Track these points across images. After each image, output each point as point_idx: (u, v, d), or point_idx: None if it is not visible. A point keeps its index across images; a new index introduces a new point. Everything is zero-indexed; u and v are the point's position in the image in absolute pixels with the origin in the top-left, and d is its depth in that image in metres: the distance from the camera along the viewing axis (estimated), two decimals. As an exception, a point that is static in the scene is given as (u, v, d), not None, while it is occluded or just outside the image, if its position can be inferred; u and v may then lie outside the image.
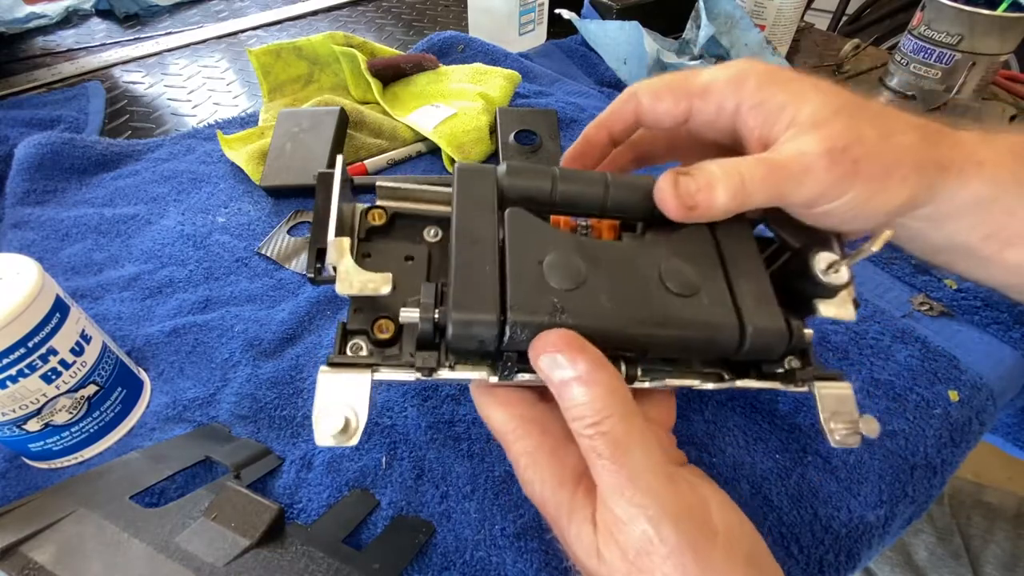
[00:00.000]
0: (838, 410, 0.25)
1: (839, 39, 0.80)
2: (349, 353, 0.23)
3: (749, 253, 0.25)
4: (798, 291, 0.25)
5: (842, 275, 0.24)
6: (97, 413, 0.30)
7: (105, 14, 0.84)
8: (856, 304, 0.26)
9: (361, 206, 0.26)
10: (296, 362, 0.35)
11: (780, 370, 0.25)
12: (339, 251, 0.22)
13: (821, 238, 0.26)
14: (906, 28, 0.65)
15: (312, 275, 0.23)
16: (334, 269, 0.22)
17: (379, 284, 0.22)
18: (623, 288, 0.23)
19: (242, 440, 0.31)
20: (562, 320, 0.21)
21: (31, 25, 0.77)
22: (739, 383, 0.25)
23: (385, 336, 0.23)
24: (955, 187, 0.26)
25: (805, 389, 0.25)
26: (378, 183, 0.26)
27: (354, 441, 0.21)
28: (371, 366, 0.22)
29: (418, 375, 0.22)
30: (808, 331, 0.25)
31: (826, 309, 0.25)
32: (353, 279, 0.22)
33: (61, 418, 0.28)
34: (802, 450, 0.31)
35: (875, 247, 0.22)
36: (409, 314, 0.22)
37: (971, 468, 0.52)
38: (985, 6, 0.58)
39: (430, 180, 0.49)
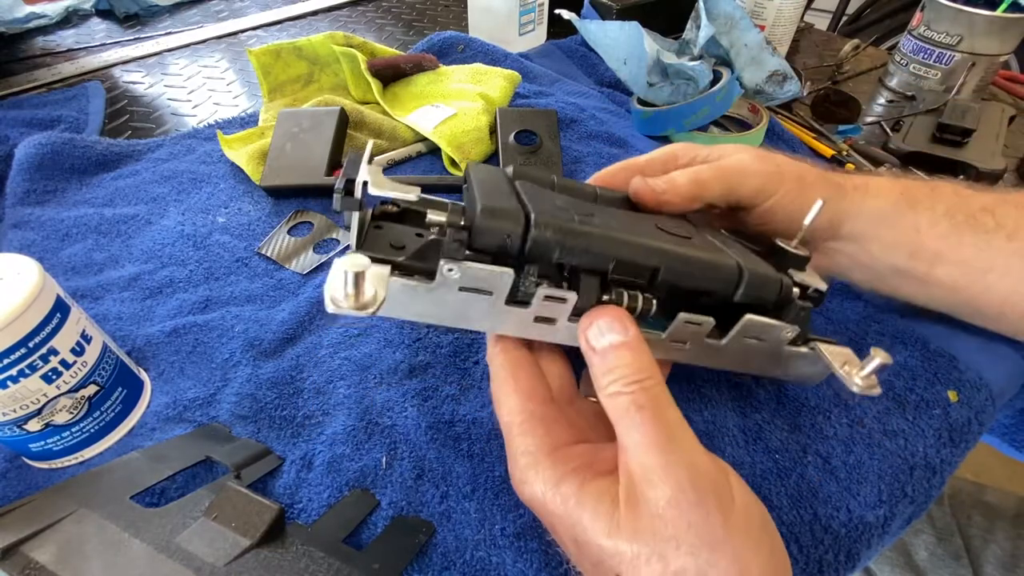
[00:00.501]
0: (845, 361, 0.27)
1: (839, 39, 0.80)
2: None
3: (729, 237, 0.30)
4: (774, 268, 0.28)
5: (804, 249, 0.29)
6: (97, 413, 0.30)
7: (105, 14, 0.84)
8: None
9: (379, 165, 0.28)
10: (296, 362, 0.35)
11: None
12: (371, 170, 0.23)
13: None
14: (906, 28, 0.65)
15: (339, 200, 0.23)
16: (362, 189, 0.23)
17: (408, 189, 0.22)
18: (628, 225, 0.25)
19: (242, 440, 0.31)
20: (582, 223, 0.23)
21: (31, 25, 0.77)
22: (749, 316, 0.26)
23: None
24: (857, 202, 0.33)
25: (809, 350, 0.28)
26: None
27: (368, 311, 0.20)
28: (391, 263, 0.22)
29: (444, 264, 0.22)
30: (796, 289, 0.27)
31: (800, 276, 0.28)
32: (384, 184, 0.22)
33: (62, 418, 0.28)
34: (802, 450, 0.32)
35: (809, 219, 0.28)
36: (436, 215, 0.22)
37: (971, 468, 0.52)
38: (985, 6, 0.58)
39: (430, 180, 0.49)
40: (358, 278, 0.20)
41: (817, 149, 0.57)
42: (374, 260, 0.22)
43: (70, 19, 0.82)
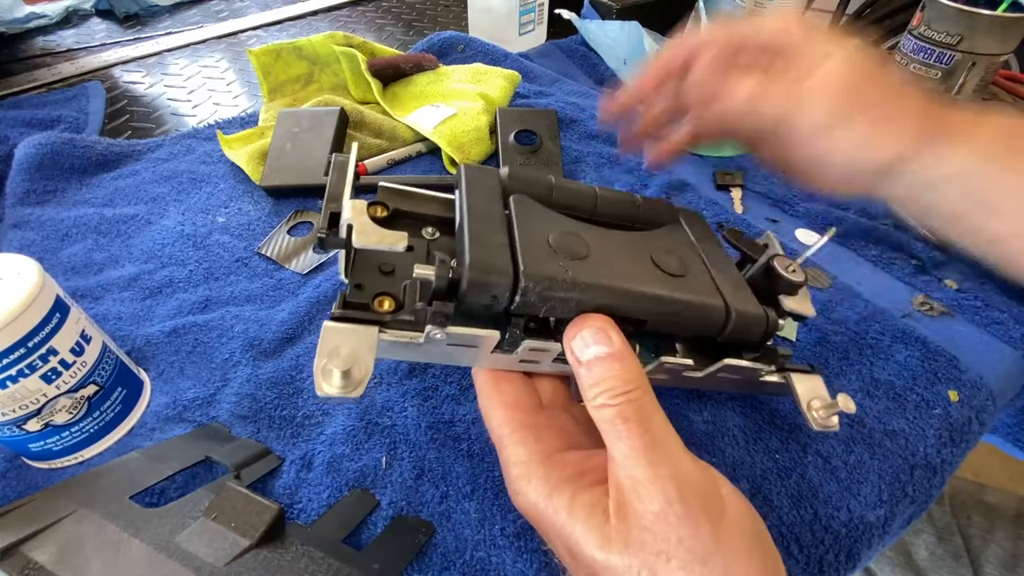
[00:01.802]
0: (814, 396, 0.27)
1: (839, 39, 0.80)
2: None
3: (723, 255, 0.29)
4: (764, 290, 0.28)
5: (799, 273, 0.28)
6: (97, 413, 0.30)
7: (105, 14, 0.84)
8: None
9: (364, 201, 0.26)
10: (296, 362, 0.35)
11: (758, 354, 0.28)
12: (356, 211, 0.22)
13: (767, 250, 0.30)
14: (906, 28, 0.65)
15: (323, 235, 0.23)
16: (347, 231, 0.22)
17: (396, 240, 0.21)
18: (622, 265, 0.25)
19: (242, 440, 0.31)
20: (572, 278, 0.22)
21: (31, 25, 0.77)
22: (727, 360, 0.26)
23: (386, 311, 0.23)
24: (945, 153, 0.28)
25: (781, 379, 0.28)
26: (380, 184, 0.27)
27: (358, 393, 0.20)
28: (379, 323, 0.22)
29: (430, 329, 0.22)
30: (781, 321, 0.28)
31: (790, 303, 0.28)
32: (370, 233, 0.21)
33: (61, 418, 0.28)
34: (802, 450, 0.31)
35: (817, 247, 0.28)
36: (424, 271, 0.21)
37: (971, 468, 0.52)
38: (985, 6, 0.58)
39: (429, 180, 0.49)
40: (346, 376, 0.20)
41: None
42: (360, 321, 0.22)
43: (70, 19, 0.82)
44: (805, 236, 0.46)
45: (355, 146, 0.26)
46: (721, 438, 0.32)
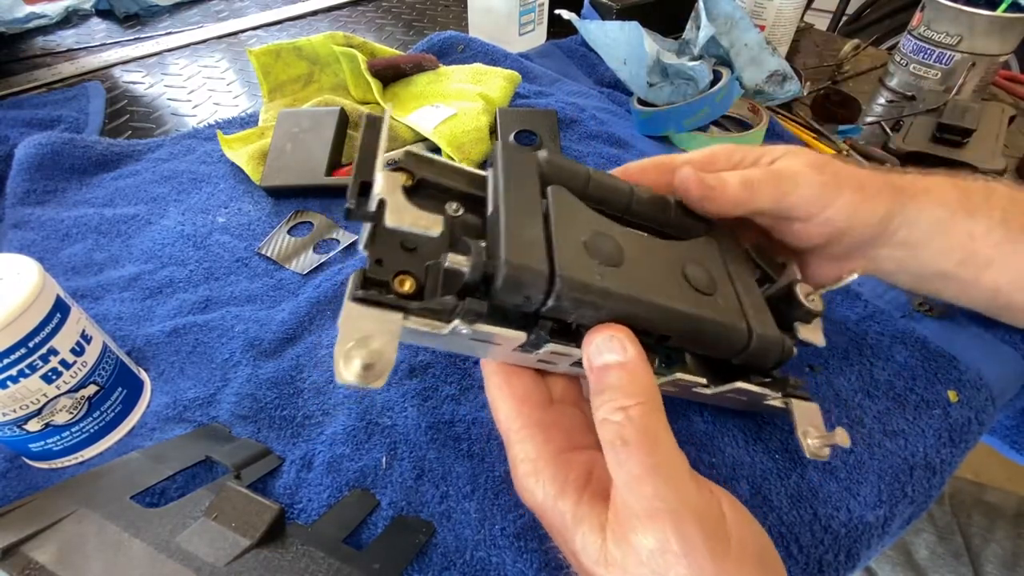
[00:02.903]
0: (810, 423, 0.28)
1: (839, 39, 0.80)
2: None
3: (748, 274, 0.29)
4: (780, 314, 0.28)
5: (819, 303, 0.28)
6: (97, 413, 0.30)
7: (105, 14, 0.84)
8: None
9: (399, 175, 0.23)
10: (296, 362, 0.35)
11: (768, 379, 0.28)
12: (391, 185, 0.21)
13: (787, 271, 0.30)
14: (906, 28, 0.65)
15: (352, 206, 0.21)
16: (378, 206, 0.20)
17: (430, 224, 0.20)
18: (654, 277, 0.24)
19: (242, 440, 0.31)
20: (605, 287, 0.22)
21: (31, 25, 0.77)
22: (738, 384, 0.26)
23: (406, 291, 0.21)
24: (916, 209, 0.31)
25: (783, 405, 0.28)
26: (407, 149, 0.25)
27: (380, 383, 0.19)
28: (403, 309, 0.20)
29: (458, 324, 0.20)
30: (795, 349, 0.28)
31: (803, 331, 0.29)
32: (404, 213, 0.20)
33: (61, 418, 0.28)
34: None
35: (847, 280, 0.28)
36: (457, 261, 0.20)
37: (971, 468, 0.52)
38: (985, 6, 0.58)
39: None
40: (369, 365, 0.19)
41: (817, 149, 0.57)
42: (382, 305, 0.20)
43: (70, 19, 0.82)
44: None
45: (390, 105, 0.23)
46: (721, 438, 0.32)
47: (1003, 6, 0.58)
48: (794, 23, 0.71)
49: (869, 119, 0.63)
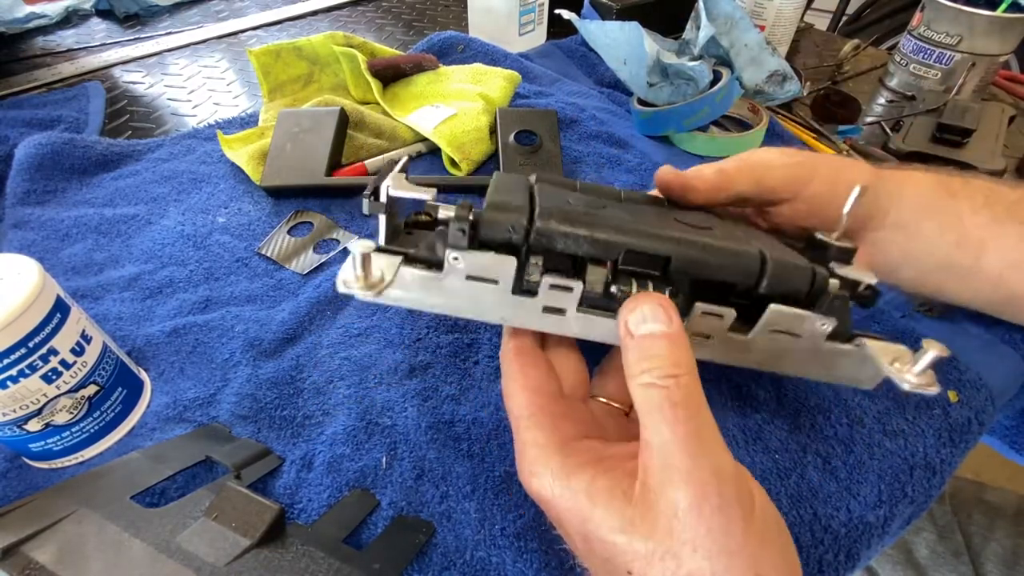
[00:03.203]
0: (898, 357, 0.25)
1: (839, 39, 0.80)
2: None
3: (760, 231, 0.29)
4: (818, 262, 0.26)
5: (847, 240, 0.27)
6: (97, 413, 0.30)
7: (105, 14, 0.84)
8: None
9: (403, 174, 0.27)
10: (296, 362, 0.35)
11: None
12: (395, 178, 0.25)
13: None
14: (906, 28, 0.65)
15: (367, 198, 0.25)
16: (387, 195, 0.25)
17: (423, 192, 0.25)
18: (641, 215, 0.25)
19: (242, 440, 0.31)
20: (587, 212, 0.23)
21: (31, 25, 0.77)
22: (773, 307, 0.24)
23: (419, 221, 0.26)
24: (896, 185, 0.32)
25: (850, 346, 0.26)
26: (427, 202, 0.27)
27: (373, 292, 0.22)
28: (404, 255, 0.24)
29: (449, 253, 0.23)
30: (834, 281, 0.25)
31: (845, 270, 0.26)
32: (403, 185, 0.25)
33: (62, 418, 0.28)
34: (802, 450, 0.32)
35: (849, 204, 0.27)
36: (447, 211, 0.23)
37: (971, 468, 0.52)
38: (985, 6, 0.58)
39: (434, 179, 0.49)
40: (365, 260, 0.21)
41: (817, 149, 0.57)
42: (387, 251, 0.24)
43: (70, 19, 0.82)
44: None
45: (405, 157, 0.28)
46: (723, 437, 0.32)
47: (1003, 6, 0.58)
48: (794, 23, 0.71)
49: (869, 119, 0.63)
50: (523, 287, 0.24)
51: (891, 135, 0.57)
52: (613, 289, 0.24)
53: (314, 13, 0.86)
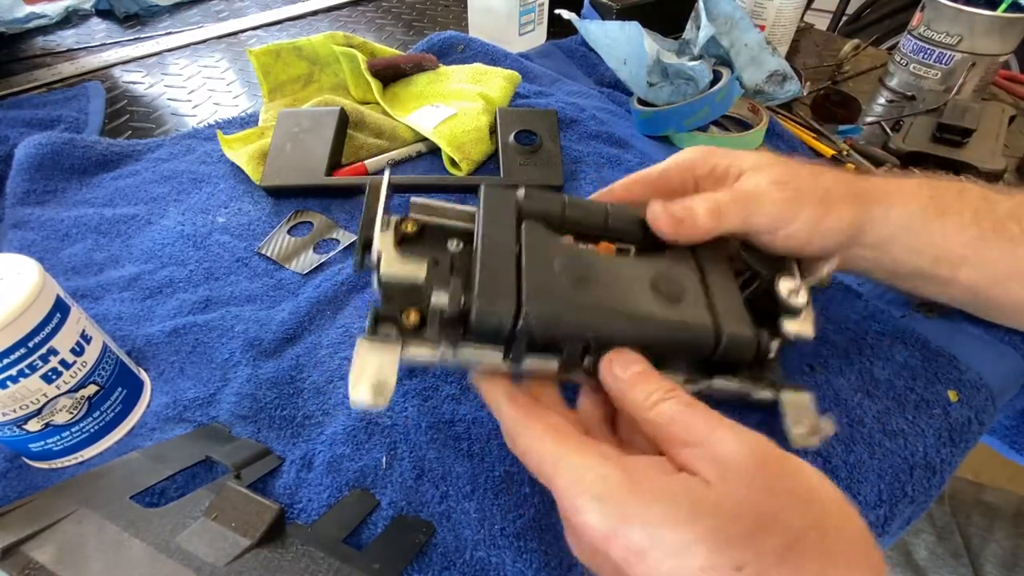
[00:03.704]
0: (800, 415, 0.29)
1: (839, 39, 0.80)
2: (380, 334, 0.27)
3: (725, 276, 0.30)
4: (767, 312, 0.29)
5: (801, 298, 0.28)
6: (97, 413, 0.30)
7: (105, 14, 0.84)
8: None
9: (396, 217, 0.29)
10: (296, 362, 0.35)
11: (756, 373, 0.29)
12: (384, 244, 0.26)
13: (786, 266, 0.31)
14: (906, 28, 0.65)
15: (359, 262, 0.27)
16: (376, 261, 0.26)
17: (416, 271, 0.26)
18: (618, 290, 0.27)
19: (242, 440, 0.31)
20: (567, 310, 0.25)
21: (31, 25, 0.77)
22: (715, 381, 0.28)
23: (412, 323, 0.26)
24: (882, 211, 0.32)
25: (771, 395, 0.29)
26: (412, 200, 0.29)
27: (384, 402, 0.24)
28: (400, 343, 0.26)
29: (442, 351, 0.25)
30: (774, 342, 0.29)
31: (790, 326, 0.29)
32: (396, 265, 0.26)
33: (61, 418, 0.28)
34: (802, 450, 0.31)
35: (825, 271, 0.28)
36: (439, 298, 0.25)
37: (970, 468, 0.52)
38: (985, 6, 0.58)
39: (434, 179, 0.49)
40: (375, 388, 0.24)
41: (817, 149, 0.57)
42: (385, 341, 0.25)
43: (70, 19, 0.82)
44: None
45: (388, 171, 0.28)
46: (721, 438, 0.32)
47: (1003, 6, 0.58)
48: (794, 23, 0.71)
49: (869, 119, 0.63)
50: (508, 360, 0.26)
51: (891, 135, 0.57)
52: (586, 363, 0.27)
53: (314, 13, 0.86)
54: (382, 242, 0.26)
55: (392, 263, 0.26)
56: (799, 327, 0.29)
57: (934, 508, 0.59)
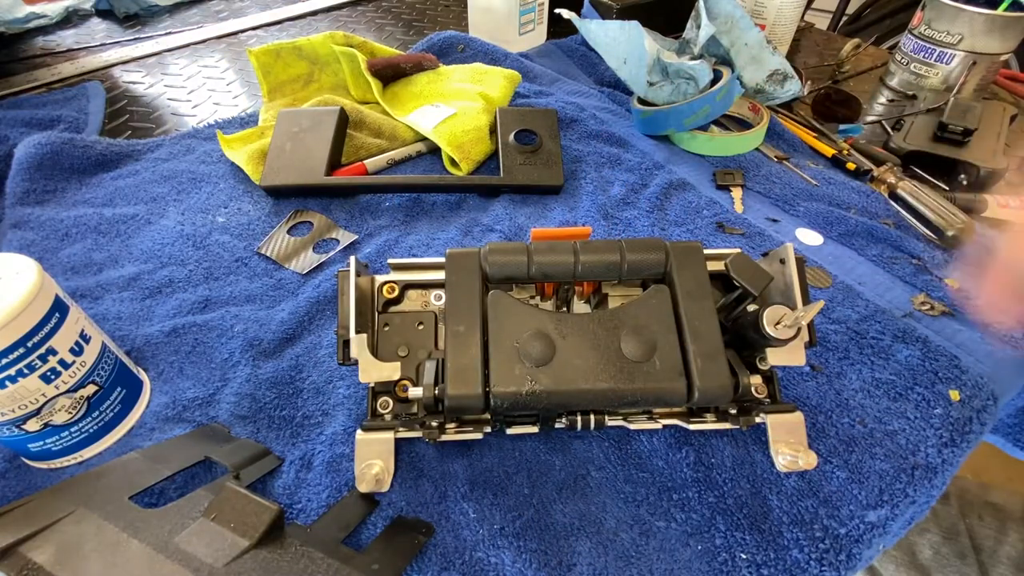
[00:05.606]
0: (787, 438, 0.30)
1: (839, 39, 0.80)
2: (379, 409, 0.30)
3: (706, 313, 0.28)
4: (752, 341, 0.29)
5: (788, 331, 0.27)
6: (97, 413, 0.30)
7: (105, 14, 0.84)
8: (813, 341, 0.31)
9: (379, 279, 0.31)
10: (296, 362, 0.35)
11: (732, 411, 0.30)
12: (359, 347, 0.28)
13: (773, 286, 0.31)
14: (906, 28, 0.65)
15: (340, 360, 0.29)
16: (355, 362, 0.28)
17: (391, 372, 0.28)
18: (586, 360, 0.27)
19: (242, 440, 0.31)
20: (534, 389, 0.26)
21: (31, 25, 0.77)
22: (692, 426, 0.30)
23: (406, 394, 0.29)
24: None
25: (759, 420, 0.30)
26: (389, 261, 0.31)
27: (386, 487, 0.29)
28: (394, 428, 0.29)
29: (431, 432, 0.29)
30: (756, 379, 0.30)
31: (775, 357, 0.29)
32: (371, 371, 0.28)
33: (60, 418, 0.28)
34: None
35: (811, 314, 0.27)
36: (416, 392, 0.28)
37: (971, 467, 0.52)
38: (986, 6, 0.58)
39: (434, 179, 0.49)
40: (379, 482, 0.28)
41: (818, 148, 0.56)
42: (380, 430, 0.29)
43: (70, 19, 0.82)
44: (805, 235, 0.46)
45: (352, 259, 0.29)
46: (720, 438, 0.32)
47: (1003, 5, 0.58)
48: (794, 22, 0.71)
49: (870, 118, 0.63)
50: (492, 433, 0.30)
51: (892, 134, 0.57)
52: (559, 424, 0.30)
53: (314, 13, 0.86)
54: (358, 347, 0.28)
55: (369, 371, 0.28)
56: (788, 356, 0.29)
57: (940, 508, 0.59)
